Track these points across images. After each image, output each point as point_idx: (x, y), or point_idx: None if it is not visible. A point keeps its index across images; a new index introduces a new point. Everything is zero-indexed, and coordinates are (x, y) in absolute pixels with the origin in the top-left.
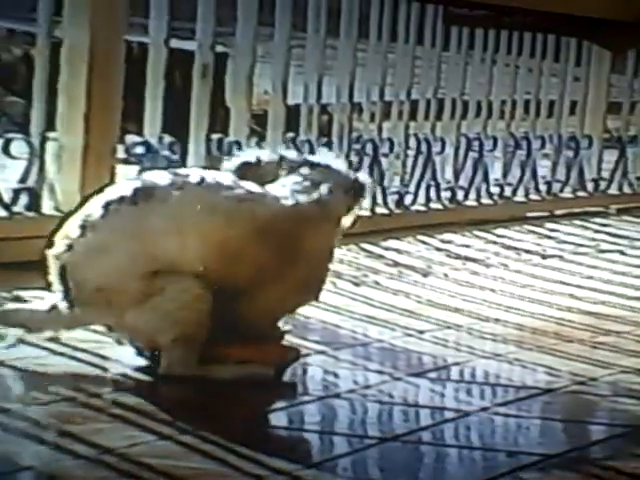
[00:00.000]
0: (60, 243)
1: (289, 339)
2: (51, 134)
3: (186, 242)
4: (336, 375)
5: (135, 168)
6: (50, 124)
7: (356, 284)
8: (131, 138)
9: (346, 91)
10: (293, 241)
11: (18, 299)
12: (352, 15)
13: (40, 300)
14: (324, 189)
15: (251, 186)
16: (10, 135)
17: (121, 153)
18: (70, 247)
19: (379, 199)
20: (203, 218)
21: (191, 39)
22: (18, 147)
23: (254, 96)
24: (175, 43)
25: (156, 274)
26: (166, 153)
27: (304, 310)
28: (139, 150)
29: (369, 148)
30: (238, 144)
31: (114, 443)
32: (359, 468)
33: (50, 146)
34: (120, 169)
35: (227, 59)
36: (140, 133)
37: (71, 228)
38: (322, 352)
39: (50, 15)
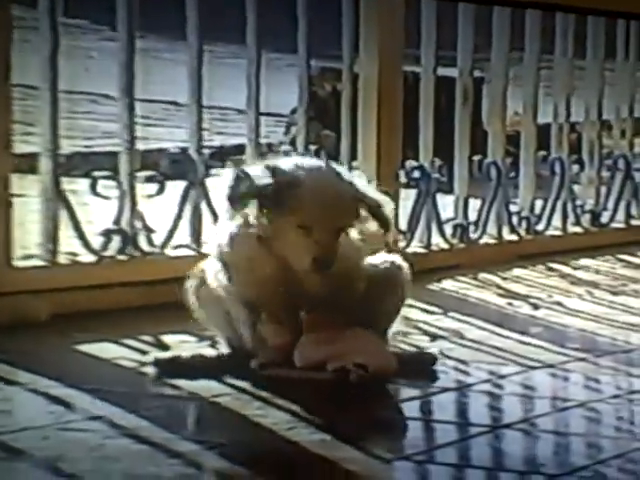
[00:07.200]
0: None
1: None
2: (355, 162)
3: None
4: (597, 381)
5: (412, 192)
6: (354, 153)
7: (614, 293)
8: (409, 163)
9: (594, 109)
10: None
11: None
12: (598, 36)
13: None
14: None
15: None
16: None
17: (402, 177)
18: None
19: (634, 211)
20: None
21: (451, 66)
22: None
23: (507, 117)
24: (439, 70)
25: None
26: (437, 176)
27: (563, 319)
28: (416, 174)
29: (621, 164)
30: (496, 165)
31: None
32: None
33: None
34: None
35: (482, 83)
36: (415, 157)
37: None
38: (582, 359)
39: (352, 52)
